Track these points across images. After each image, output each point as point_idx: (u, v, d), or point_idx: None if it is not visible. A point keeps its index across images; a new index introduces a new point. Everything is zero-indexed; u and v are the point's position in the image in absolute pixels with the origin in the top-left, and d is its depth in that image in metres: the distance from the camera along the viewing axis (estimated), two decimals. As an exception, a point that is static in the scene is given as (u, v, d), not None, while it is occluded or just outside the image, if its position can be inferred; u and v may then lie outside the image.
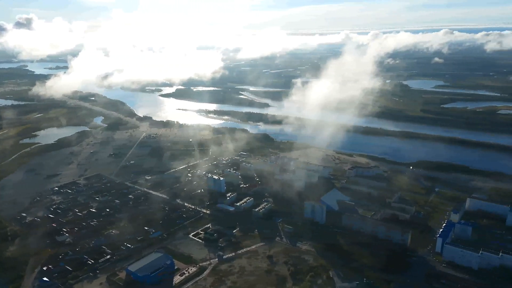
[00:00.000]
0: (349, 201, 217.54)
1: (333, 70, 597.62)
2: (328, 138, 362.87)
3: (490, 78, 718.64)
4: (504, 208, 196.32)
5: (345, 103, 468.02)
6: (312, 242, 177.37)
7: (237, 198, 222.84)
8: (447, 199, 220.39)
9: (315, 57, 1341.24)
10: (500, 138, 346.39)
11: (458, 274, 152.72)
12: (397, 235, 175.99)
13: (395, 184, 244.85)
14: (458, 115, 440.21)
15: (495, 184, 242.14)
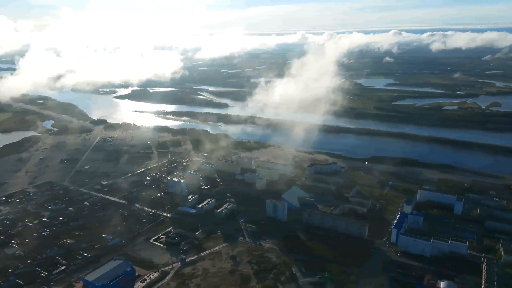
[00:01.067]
0: (309, 198, 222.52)
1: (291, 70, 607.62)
2: (288, 137, 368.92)
3: (435, 76, 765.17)
4: (451, 198, 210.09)
5: (303, 102, 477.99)
6: (274, 239, 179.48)
7: (199, 200, 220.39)
8: (400, 192, 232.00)
9: (273, 57, 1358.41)
10: (445, 132, 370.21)
11: (412, 262, 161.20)
12: (356, 228, 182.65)
13: (352, 179, 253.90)
14: (408, 111, 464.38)
15: (442, 175, 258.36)
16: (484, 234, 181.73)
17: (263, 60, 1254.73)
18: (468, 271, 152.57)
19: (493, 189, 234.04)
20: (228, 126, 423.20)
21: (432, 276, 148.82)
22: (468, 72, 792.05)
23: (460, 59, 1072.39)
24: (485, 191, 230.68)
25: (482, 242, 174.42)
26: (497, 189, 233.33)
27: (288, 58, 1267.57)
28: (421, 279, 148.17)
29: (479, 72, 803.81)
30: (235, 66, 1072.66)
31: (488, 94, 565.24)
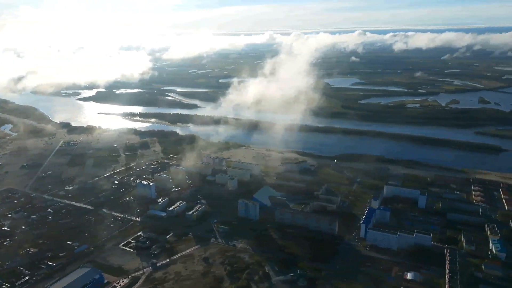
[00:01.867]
0: (280, 197, 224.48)
1: (261, 70, 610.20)
2: (258, 136, 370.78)
3: (398, 75, 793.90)
4: (415, 192, 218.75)
5: (273, 102, 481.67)
6: (247, 239, 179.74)
7: (169, 203, 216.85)
8: (368, 188, 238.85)
9: (242, 57, 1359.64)
10: (409, 129, 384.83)
11: (380, 255, 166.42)
12: (326, 225, 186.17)
13: (322, 177, 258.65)
14: (373, 109, 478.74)
15: (407, 171, 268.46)
16: (446, 226, 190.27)
17: (232, 60, 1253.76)
18: (433, 261, 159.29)
19: (454, 182, 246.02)
20: (198, 127, 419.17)
21: (399, 268, 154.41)
22: (429, 71, 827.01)
23: (421, 58, 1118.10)
24: (446, 185, 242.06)
25: (445, 233, 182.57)
26: (458, 183, 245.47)
27: (257, 58, 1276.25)
28: (389, 271, 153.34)
29: (439, 71, 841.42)
30: (203, 67, 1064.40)
31: (447, 92, 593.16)
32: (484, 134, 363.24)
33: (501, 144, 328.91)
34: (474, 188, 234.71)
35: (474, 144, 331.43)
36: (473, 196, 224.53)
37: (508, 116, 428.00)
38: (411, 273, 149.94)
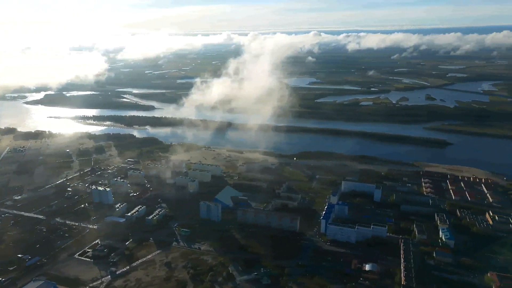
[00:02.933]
0: (242, 197, 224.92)
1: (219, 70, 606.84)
2: (218, 137, 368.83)
3: (352, 74, 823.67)
4: (371, 187, 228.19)
5: (232, 102, 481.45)
6: (210, 241, 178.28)
7: (128, 208, 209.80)
8: (327, 184, 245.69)
9: (199, 58, 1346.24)
10: (363, 126, 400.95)
11: (340, 249, 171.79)
12: (288, 223, 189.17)
13: (283, 175, 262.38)
14: (330, 108, 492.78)
15: (363, 166, 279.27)
16: (400, 217, 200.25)
17: (190, 60, 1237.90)
18: (389, 252, 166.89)
19: (406, 176, 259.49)
20: (156, 129, 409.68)
21: (358, 260, 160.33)
22: (380, 70, 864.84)
23: (373, 58, 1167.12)
24: (399, 178, 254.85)
25: (399, 224, 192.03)
26: (409, 176, 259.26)
27: (215, 59, 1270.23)
28: (349, 264, 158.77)
29: (389, 70, 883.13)
30: (160, 67, 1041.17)
31: (397, 90, 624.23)
32: (431, 129, 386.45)
33: (447, 138, 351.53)
34: (424, 180, 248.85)
35: (423, 139, 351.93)
36: (423, 188, 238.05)
37: (453, 111, 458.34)
38: (369, 264, 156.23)
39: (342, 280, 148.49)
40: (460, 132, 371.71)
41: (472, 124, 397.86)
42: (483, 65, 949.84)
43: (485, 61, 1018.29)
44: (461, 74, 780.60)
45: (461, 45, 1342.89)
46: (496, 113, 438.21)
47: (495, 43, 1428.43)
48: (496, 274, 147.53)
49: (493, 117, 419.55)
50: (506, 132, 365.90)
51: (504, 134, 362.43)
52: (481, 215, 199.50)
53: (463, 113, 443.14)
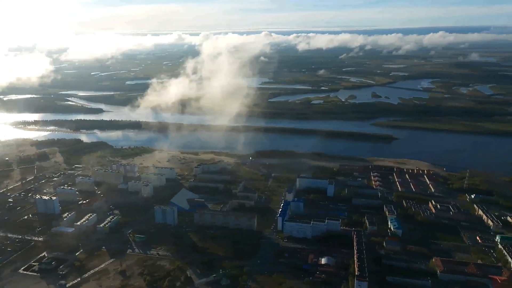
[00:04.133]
0: (198, 199, 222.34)
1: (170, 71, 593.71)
2: (171, 139, 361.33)
3: (303, 74, 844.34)
4: (324, 182, 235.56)
5: (186, 103, 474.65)
6: (166, 246, 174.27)
7: (77, 217, 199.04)
8: (282, 182, 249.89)
9: (149, 58, 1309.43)
10: (315, 124, 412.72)
11: (297, 245, 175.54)
12: (245, 222, 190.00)
13: (239, 175, 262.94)
14: (283, 107, 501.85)
15: (315, 163, 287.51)
16: (352, 210, 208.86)
17: (139, 61, 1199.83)
18: (343, 244, 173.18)
19: (356, 170, 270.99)
20: (105, 133, 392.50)
21: (314, 255, 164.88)
22: (329, 69, 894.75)
23: (322, 58, 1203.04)
24: (350, 173, 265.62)
25: (352, 217, 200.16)
26: (360, 170, 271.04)
27: (166, 59, 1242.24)
28: (306, 259, 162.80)
29: (337, 69, 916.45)
30: (108, 68, 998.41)
31: (346, 88, 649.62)
32: (378, 125, 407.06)
33: (392, 133, 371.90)
34: (373, 174, 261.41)
35: (370, 134, 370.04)
36: (372, 182, 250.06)
37: (397, 108, 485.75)
38: (325, 258, 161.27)
39: (300, 275, 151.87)
40: (404, 127, 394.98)
41: (414, 119, 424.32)
42: (422, 64, 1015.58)
43: (423, 60, 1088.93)
44: (402, 73, 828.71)
45: (402, 45, 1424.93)
46: (435, 109, 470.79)
47: (432, 43, 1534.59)
48: (440, 259, 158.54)
49: (433, 113, 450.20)
50: (444, 126, 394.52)
51: (443, 128, 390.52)
52: (424, 205, 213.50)
53: (406, 109, 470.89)
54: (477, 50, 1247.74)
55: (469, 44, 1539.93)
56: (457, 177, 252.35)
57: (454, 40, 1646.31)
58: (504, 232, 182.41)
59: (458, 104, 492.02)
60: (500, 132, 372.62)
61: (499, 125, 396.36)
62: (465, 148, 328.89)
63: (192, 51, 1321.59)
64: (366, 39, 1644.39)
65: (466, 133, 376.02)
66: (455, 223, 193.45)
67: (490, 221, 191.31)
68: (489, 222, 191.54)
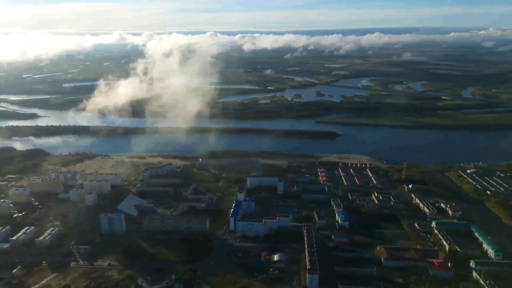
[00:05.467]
0: (147, 204, 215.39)
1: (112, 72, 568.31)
2: (115, 144, 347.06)
3: (249, 74, 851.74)
4: (274, 180, 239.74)
5: (129, 105, 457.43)
6: (114, 255, 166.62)
7: (12, 231, 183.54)
8: (233, 182, 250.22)
9: (88, 59, 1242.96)
10: (263, 123, 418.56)
11: (250, 244, 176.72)
12: (197, 225, 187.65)
13: (189, 177, 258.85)
14: (231, 107, 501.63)
15: (265, 161, 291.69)
16: (302, 206, 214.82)
17: (78, 62, 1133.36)
18: (294, 240, 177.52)
19: (304, 167, 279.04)
20: (41, 140, 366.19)
21: (267, 252, 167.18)
22: (275, 69, 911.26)
23: (268, 58, 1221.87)
24: (298, 170, 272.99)
25: (301, 213, 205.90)
26: (307, 167, 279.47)
27: (107, 60, 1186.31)
28: (259, 257, 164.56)
29: (283, 69, 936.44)
30: (42, 70, 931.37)
31: (291, 87, 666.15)
32: (323, 123, 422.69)
33: (336, 130, 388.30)
34: (320, 170, 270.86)
35: (316, 132, 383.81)
36: (320, 177, 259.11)
37: (339, 105, 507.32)
38: (277, 254, 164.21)
39: (253, 273, 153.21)
40: (347, 124, 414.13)
41: (356, 116, 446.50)
42: (361, 63, 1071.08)
43: (362, 60, 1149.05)
44: (343, 72, 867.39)
45: (342, 45, 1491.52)
46: (374, 106, 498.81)
47: (369, 43, 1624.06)
48: (384, 247, 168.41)
49: (372, 109, 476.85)
50: (383, 122, 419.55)
51: (382, 123, 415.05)
52: (368, 196, 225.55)
53: (348, 107, 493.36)
54: (409, 49, 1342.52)
55: (402, 44, 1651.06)
56: (396, 169, 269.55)
57: (388, 41, 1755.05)
58: (438, 217, 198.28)
59: (394, 101, 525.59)
60: (432, 126, 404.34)
61: (431, 119, 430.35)
62: (402, 142, 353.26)
63: (136, 51, 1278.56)
64: (309, 39, 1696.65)
65: (403, 127, 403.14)
66: (396, 212, 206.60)
67: (426, 208, 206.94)
68: (425, 209, 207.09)
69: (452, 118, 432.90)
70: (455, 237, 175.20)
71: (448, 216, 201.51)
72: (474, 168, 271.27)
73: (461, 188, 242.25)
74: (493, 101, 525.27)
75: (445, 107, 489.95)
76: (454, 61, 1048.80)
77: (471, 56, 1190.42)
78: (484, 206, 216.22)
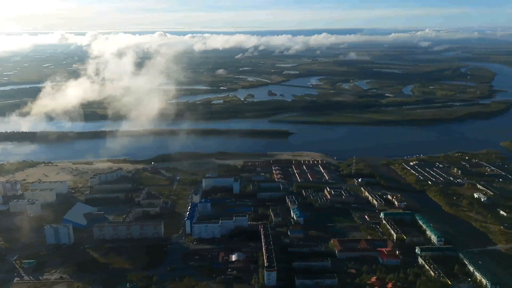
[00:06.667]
0: (97, 212, 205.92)
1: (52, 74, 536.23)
2: (60, 150, 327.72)
3: (201, 74, 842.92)
4: (229, 180, 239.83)
5: (71, 109, 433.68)
6: (62, 268, 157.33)
7: None
8: (188, 184, 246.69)
9: (27, 60, 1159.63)
10: (216, 124, 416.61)
11: (207, 246, 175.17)
12: (151, 230, 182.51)
13: (141, 182, 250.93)
14: (183, 109, 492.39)
15: (220, 162, 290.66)
16: (258, 205, 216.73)
17: (14, 64, 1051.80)
18: (251, 239, 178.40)
19: (259, 166, 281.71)
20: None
21: (225, 253, 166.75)
22: (227, 69, 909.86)
23: (219, 58, 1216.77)
24: (253, 169, 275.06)
25: (258, 212, 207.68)
26: (262, 166, 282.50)
27: (47, 61, 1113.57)
28: (217, 258, 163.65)
29: (235, 69, 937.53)
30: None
31: (243, 87, 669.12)
32: (276, 122, 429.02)
33: (288, 128, 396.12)
34: (274, 168, 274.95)
35: (269, 131, 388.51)
36: (274, 175, 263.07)
37: (291, 104, 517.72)
38: (235, 254, 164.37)
39: (211, 275, 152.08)
40: (298, 122, 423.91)
41: (307, 114, 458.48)
42: (310, 62, 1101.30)
43: (311, 59, 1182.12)
44: (294, 71, 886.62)
45: (291, 45, 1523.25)
46: (324, 104, 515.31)
47: (317, 44, 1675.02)
48: (337, 240, 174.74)
49: (322, 107, 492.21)
50: (332, 119, 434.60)
51: (331, 121, 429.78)
52: (321, 192, 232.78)
53: (299, 106, 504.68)
54: (354, 49, 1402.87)
55: (347, 44, 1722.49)
56: (346, 164, 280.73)
57: (335, 41, 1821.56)
58: (386, 208, 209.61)
59: (342, 99, 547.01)
60: (377, 122, 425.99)
61: (376, 115, 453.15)
62: (351, 137, 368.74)
63: (79, 52, 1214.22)
64: (260, 39, 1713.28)
65: (351, 124, 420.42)
66: (347, 206, 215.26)
67: (375, 200, 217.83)
68: (374, 201, 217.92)
69: (395, 114, 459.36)
70: (401, 226, 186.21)
71: (395, 207, 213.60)
72: (416, 160, 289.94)
73: (405, 179, 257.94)
74: (431, 97, 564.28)
75: (389, 103, 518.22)
76: (394, 60, 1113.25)
77: (409, 55, 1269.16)
78: (426, 195, 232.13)
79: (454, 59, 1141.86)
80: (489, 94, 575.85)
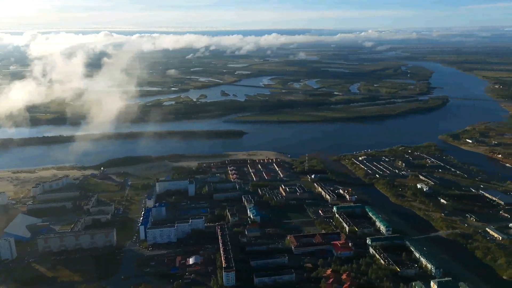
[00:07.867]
0: (41, 223, 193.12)
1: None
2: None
3: (151, 75, 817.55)
4: (184, 183, 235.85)
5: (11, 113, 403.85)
6: (4, 286, 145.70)
7: None
8: (141, 189, 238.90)
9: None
10: (168, 125, 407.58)
11: (163, 251, 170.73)
12: (103, 239, 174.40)
13: (90, 188, 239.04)
14: (133, 111, 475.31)
15: (174, 164, 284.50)
16: (215, 206, 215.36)
17: None
18: (209, 241, 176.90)
19: (214, 167, 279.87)
20: None
21: (182, 257, 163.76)
22: (178, 69, 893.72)
23: (169, 58, 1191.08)
24: (208, 170, 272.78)
25: (214, 213, 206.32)
26: (217, 166, 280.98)
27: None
28: (174, 263, 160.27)
29: (186, 69, 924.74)
30: None
31: (196, 88, 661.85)
32: (229, 122, 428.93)
33: (242, 128, 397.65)
34: (229, 168, 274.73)
35: (223, 131, 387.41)
36: (230, 175, 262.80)
37: (244, 104, 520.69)
38: (193, 258, 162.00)
39: (169, 280, 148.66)
40: (252, 122, 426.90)
41: (260, 113, 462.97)
42: (261, 62, 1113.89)
43: (262, 59, 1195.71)
44: (246, 71, 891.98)
45: (243, 45, 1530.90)
46: (276, 103, 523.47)
47: (268, 44, 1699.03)
48: (293, 236, 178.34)
49: (274, 106, 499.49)
50: (285, 118, 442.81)
51: (284, 119, 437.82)
52: (276, 190, 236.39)
53: (252, 105, 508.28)
54: (303, 49, 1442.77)
55: (297, 44, 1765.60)
56: (299, 161, 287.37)
57: (285, 41, 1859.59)
58: (338, 203, 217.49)
59: (294, 98, 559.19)
60: (327, 119, 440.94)
61: (326, 113, 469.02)
62: (303, 135, 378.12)
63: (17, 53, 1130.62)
64: (211, 39, 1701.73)
65: (302, 122, 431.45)
66: (301, 202, 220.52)
67: (327, 195, 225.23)
68: (327, 196, 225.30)
69: (343, 111, 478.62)
70: (353, 218, 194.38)
71: (346, 201, 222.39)
72: (364, 155, 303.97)
73: (355, 174, 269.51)
74: (375, 95, 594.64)
75: (337, 101, 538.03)
76: (341, 60, 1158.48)
77: (355, 55, 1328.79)
78: (374, 188, 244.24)
79: (395, 58, 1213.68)
80: (427, 91, 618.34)
